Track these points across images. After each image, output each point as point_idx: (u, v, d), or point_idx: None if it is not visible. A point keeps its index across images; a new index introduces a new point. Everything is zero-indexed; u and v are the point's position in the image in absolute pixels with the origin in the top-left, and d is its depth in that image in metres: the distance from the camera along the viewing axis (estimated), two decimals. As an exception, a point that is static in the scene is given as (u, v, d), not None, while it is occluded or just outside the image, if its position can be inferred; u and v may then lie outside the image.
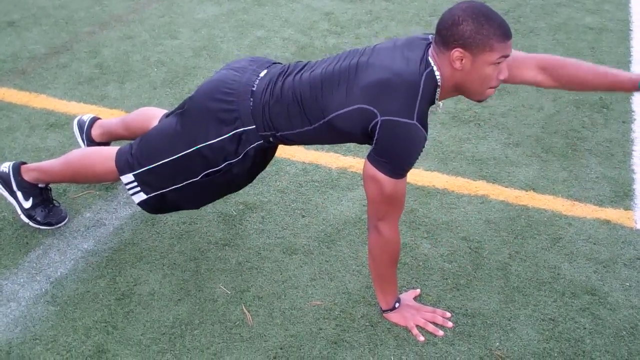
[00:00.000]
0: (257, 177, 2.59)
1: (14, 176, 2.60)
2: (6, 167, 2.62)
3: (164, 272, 2.53)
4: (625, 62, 4.10)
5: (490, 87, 2.10)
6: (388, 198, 2.11)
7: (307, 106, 2.18)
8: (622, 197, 2.96)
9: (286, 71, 2.28)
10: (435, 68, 2.08)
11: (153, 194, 2.39)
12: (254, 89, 2.25)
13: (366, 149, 2.17)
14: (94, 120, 2.90)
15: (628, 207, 2.90)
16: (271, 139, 2.27)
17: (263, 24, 4.46)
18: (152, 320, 2.33)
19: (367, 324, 2.34)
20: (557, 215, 2.85)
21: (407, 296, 2.41)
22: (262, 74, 2.30)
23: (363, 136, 2.12)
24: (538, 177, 3.07)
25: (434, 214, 2.84)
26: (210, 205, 2.84)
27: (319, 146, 3.25)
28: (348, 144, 3.24)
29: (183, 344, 2.25)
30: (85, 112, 3.40)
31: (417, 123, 2.02)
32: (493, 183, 3.04)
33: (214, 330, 2.30)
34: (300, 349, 2.24)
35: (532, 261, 2.61)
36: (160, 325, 2.31)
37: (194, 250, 2.63)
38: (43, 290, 2.43)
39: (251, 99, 2.23)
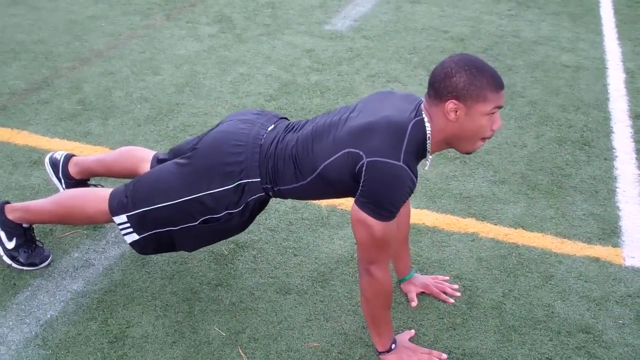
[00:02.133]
0: None
1: None
2: None
3: (156, 313, 2.48)
4: (603, 99, 4.18)
5: (483, 138, 2.12)
6: (378, 241, 2.09)
7: (300, 162, 2.20)
8: (609, 234, 3.00)
9: (290, 128, 2.32)
10: (426, 119, 2.10)
11: (146, 234, 2.36)
12: (262, 142, 2.28)
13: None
14: (68, 157, 2.86)
15: (616, 244, 2.94)
16: (270, 193, 2.28)
17: (245, 60, 4.47)
18: (147, 364, 2.28)
19: (366, 365, 2.32)
20: (547, 253, 2.87)
21: (403, 337, 2.39)
22: (269, 128, 2.33)
23: (354, 182, 2.11)
24: (526, 214, 3.10)
25: (425, 252, 2.84)
26: (200, 244, 2.81)
27: (308, 184, 3.23)
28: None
29: (180, 389, 2.20)
30: (69, 149, 3.35)
31: (402, 165, 2.02)
32: (482, 220, 3.05)
33: (211, 374, 2.25)
34: (299, 392, 2.21)
35: (525, 299, 2.62)
36: (155, 369, 2.26)
37: (187, 290, 2.59)
38: (33, 333, 2.37)
39: (258, 153, 2.25)
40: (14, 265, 2.59)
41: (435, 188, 3.26)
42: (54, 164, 2.88)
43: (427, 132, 2.10)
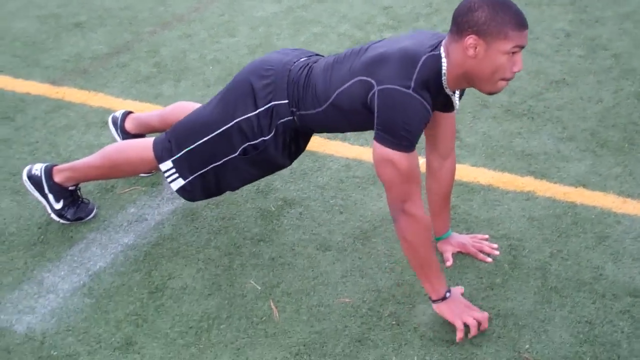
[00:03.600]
0: (299, 172, 2.71)
1: (45, 179, 2.69)
2: (38, 169, 2.71)
3: (198, 266, 2.56)
4: (697, 51, 3.88)
5: (503, 79, 2.05)
6: (405, 175, 2.06)
7: (317, 88, 2.23)
8: (679, 194, 2.81)
9: (319, 59, 2.37)
10: (443, 55, 2.06)
11: (192, 177, 2.44)
12: (291, 67, 2.33)
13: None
14: (126, 114, 3.02)
15: (685, 205, 2.75)
16: (296, 118, 2.31)
17: (320, 20, 4.45)
18: (182, 314, 2.37)
19: (394, 322, 2.30)
20: (605, 213, 2.73)
21: (456, 291, 2.31)
22: (302, 59, 2.38)
23: (367, 112, 2.09)
24: (590, 172, 2.95)
25: (475, 211, 2.77)
26: (250, 200, 2.87)
27: (364, 141, 3.22)
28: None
29: (208, 339, 2.27)
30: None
31: (412, 92, 2.00)
32: (541, 179, 2.94)
33: (240, 325, 2.31)
34: (323, 346, 2.23)
35: (574, 260, 2.51)
36: (188, 319, 2.35)
37: (230, 245, 2.66)
38: (81, 283, 2.51)
39: (287, 76, 2.30)
40: (62, 222, 2.74)
41: (496, 145, 3.16)
42: (114, 122, 3.02)
43: (443, 66, 2.06)
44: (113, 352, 2.25)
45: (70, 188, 2.73)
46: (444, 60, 2.06)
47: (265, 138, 2.33)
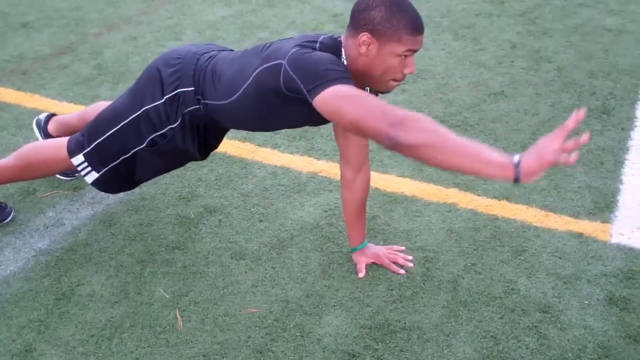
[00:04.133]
0: (225, 178, 2.73)
1: None
2: None
3: (108, 273, 2.53)
4: (638, 64, 3.89)
5: (394, 80, 2.06)
6: (363, 100, 1.79)
7: (224, 80, 2.22)
8: (602, 208, 2.80)
9: (227, 51, 2.37)
10: (343, 51, 2.05)
11: (104, 169, 2.42)
12: (199, 57, 2.33)
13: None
14: (50, 116, 2.98)
15: (606, 220, 2.75)
16: (201, 107, 2.29)
17: (269, 25, 4.44)
18: (85, 322, 2.33)
19: (298, 334, 2.28)
20: (525, 227, 2.72)
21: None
22: (213, 50, 2.38)
23: (277, 100, 2.06)
24: (515, 185, 2.94)
25: (395, 221, 2.76)
26: (170, 207, 2.84)
27: (294, 149, 3.20)
28: (320, 148, 3.19)
29: (109, 347, 2.24)
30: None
31: (318, 47, 2.01)
32: (465, 191, 2.93)
33: (142, 335, 2.28)
34: (223, 357, 2.20)
35: (487, 274, 2.50)
36: (91, 327, 2.31)
37: (144, 252, 2.63)
38: (-12, 288, 2.47)
39: (194, 65, 2.29)
40: None
41: (426, 156, 3.14)
42: (38, 124, 2.98)
43: (343, 58, 2.06)
44: (11, 358, 2.21)
45: (-11, 184, 2.69)
46: (343, 55, 2.05)
47: (172, 126, 2.31)
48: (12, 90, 3.72)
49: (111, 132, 2.38)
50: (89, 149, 2.42)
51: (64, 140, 2.51)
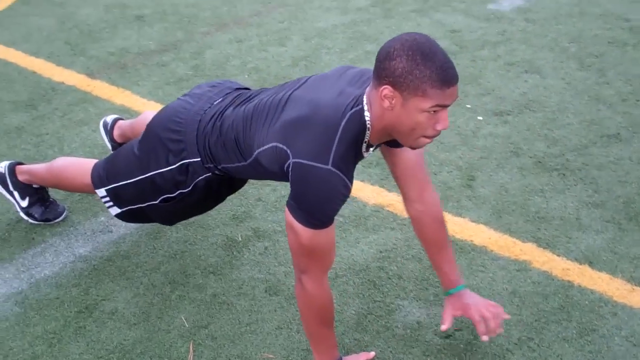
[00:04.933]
0: (284, 202, 2.55)
1: (9, 176, 2.65)
2: (2, 167, 2.67)
3: (137, 291, 2.43)
4: None
5: (425, 137, 1.78)
6: (306, 250, 1.84)
7: (240, 141, 2.01)
8: None
9: (235, 101, 2.13)
10: (366, 107, 1.80)
11: (124, 208, 2.33)
12: (200, 118, 2.14)
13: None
14: (116, 120, 2.92)
15: None
16: (217, 172, 2.11)
17: (379, 37, 4.21)
18: (97, 341, 2.24)
19: (309, 391, 2.07)
20: (603, 301, 2.35)
21: (353, 358, 2.11)
22: (216, 102, 2.18)
23: (284, 177, 1.87)
24: (604, 248, 2.56)
25: (454, 274, 2.46)
26: (220, 226, 2.71)
27: (366, 176, 2.97)
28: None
29: (112, 374, 2.13)
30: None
31: (332, 168, 1.75)
32: (544, 248, 2.58)
33: (149, 365, 2.16)
34: (222, 405, 2.03)
35: (543, 353, 2.17)
36: (102, 347, 2.22)
37: (179, 273, 2.51)
38: (19, 289, 2.44)
39: (196, 130, 2.12)
40: (30, 221, 2.69)
41: (509, 202, 2.81)
42: (105, 127, 2.94)
43: (367, 121, 1.81)
44: (15, 369, 2.16)
45: (34, 186, 2.67)
46: (367, 113, 1.80)
47: (183, 191, 2.19)
48: (106, 85, 3.73)
49: (124, 182, 2.28)
50: (109, 187, 2.33)
51: (90, 166, 2.42)
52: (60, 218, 2.73)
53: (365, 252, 2.58)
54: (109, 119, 2.95)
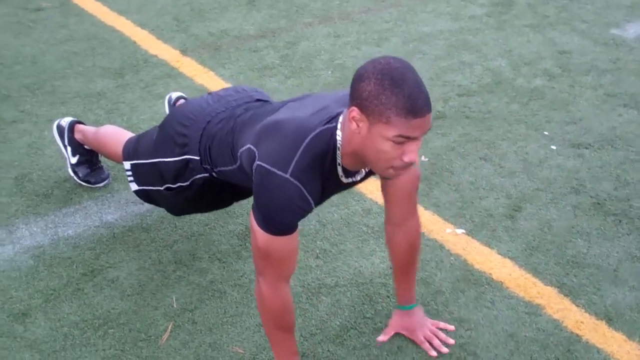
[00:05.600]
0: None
1: (67, 132, 2.81)
2: (65, 122, 2.84)
3: (142, 265, 2.51)
4: None
5: (392, 167, 1.69)
6: (262, 253, 1.82)
7: (234, 144, 2.03)
8: None
9: (248, 109, 2.15)
10: (339, 127, 1.75)
11: (141, 187, 2.41)
12: (210, 119, 2.18)
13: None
14: (178, 98, 3.00)
15: None
16: (214, 174, 2.16)
17: (479, 48, 4.04)
18: (88, 305, 2.34)
19: (261, 393, 2.05)
20: (608, 363, 2.14)
21: None
22: (231, 107, 2.21)
23: None
24: (631, 307, 2.33)
25: (453, 306, 2.34)
26: (244, 214, 2.74)
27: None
28: (437, 197, 2.83)
29: (87, 337, 2.21)
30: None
31: (290, 178, 1.72)
32: (565, 296, 2.39)
33: (125, 336, 2.22)
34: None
35: (517, 405, 2.01)
36: (89, 312, 2.31)
37: (188, 254, 2.56)
38: (40, 244, 2.59)
39: (202, 130, 2.16)
40: (74, 178, 2.85)
41: (548, 241, 2.62)
42: (169, 102, 3.05)
43: (338, 141, 1.76)
44: (7, 317, 2.29)
45: (86, 147, 2.82)
46: (339, 132, 1.75)
47: (182, 185, 2.25)
48: (194, 63, 3.85)
49: (144, 161, 2.35)
50: (132, 162, 2.41)
51: (125, 138, 2.52)
52: (102, 184, 2.86)
53: (374, 265, 2.50)
54: (174, 95, 3.05)
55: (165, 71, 3.76)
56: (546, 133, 3.27)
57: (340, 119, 1.76)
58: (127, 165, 2.42)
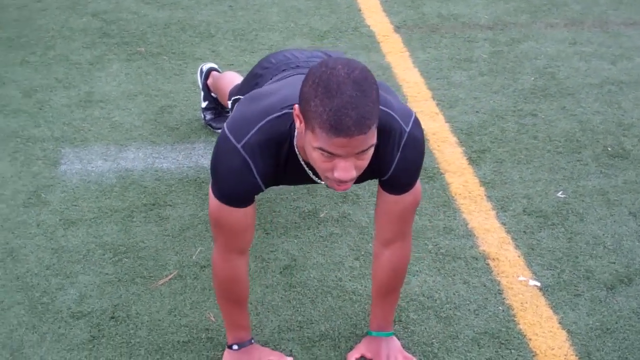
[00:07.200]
0: None
1: (204, 77, 2.96)
2: (207, 67, 2.97)
3: (197, 213, 2.53)
4: None
5: (327, 177, 1.56)
6: (212, 219, 1.79)
7: None
8: None
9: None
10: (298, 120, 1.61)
11: None
12: (286, 68, 2.11)
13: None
14: (210, 70, 2.98)
15: None
16: None
17: (515, 69, 3.25)
18: (124, 232, 2.43)
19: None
20: None
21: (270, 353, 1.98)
22: (303, 63, 2.11)
23: None
24: None
25: (420, 327, 1.98)
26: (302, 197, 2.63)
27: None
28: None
29: (101, 262, 2.32)
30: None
31: (240, 149, 1.65)
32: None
33: (129, 269, 2.29)
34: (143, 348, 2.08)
35: None
36: (120, 238, 2.41)
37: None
38: (133, 168, 2.73)
39: (274, 75, 2.11)
40: (202, 120, 3.00)
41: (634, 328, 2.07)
42: (201, 73, 3.02)
43: (293, 130, 1.66)
44: (58, 221, 2.48)
45: (213, 95, 2.92)
46: (297, 125, 1.59)
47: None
48: (399, 41, 3.67)
49: (234, 99, 2.38)
50: (229, 100, 2.45)
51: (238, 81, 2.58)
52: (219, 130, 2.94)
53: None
54: (206, 67, 3.00)
55: (365, 43, 3.68)
56: None
57: None
58: (229, 104, 2.48)
